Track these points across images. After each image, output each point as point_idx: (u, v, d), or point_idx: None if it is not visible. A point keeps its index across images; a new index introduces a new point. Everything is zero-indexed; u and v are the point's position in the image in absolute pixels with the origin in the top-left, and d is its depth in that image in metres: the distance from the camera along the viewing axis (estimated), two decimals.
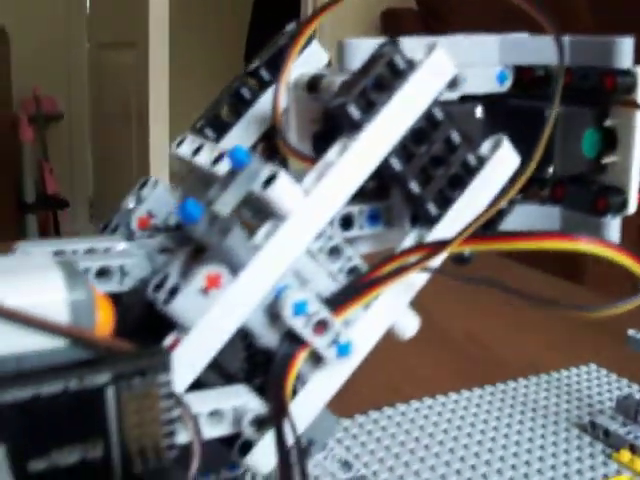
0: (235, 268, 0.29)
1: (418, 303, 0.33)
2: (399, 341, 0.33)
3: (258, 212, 0.31)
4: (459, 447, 0.52)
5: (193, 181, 0.39)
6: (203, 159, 0.35)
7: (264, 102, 0.40)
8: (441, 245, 0.31)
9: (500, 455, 0.51)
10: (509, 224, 0.36)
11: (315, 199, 0.30)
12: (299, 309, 0.29)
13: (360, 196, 0.33)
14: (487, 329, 0.77)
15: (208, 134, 0.39)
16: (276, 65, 0.37)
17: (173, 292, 0.29)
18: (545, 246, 0.29)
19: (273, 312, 0.30)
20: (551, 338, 0.75)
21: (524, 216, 0.39)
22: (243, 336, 0.31)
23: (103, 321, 0.25)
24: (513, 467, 0.50)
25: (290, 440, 0.28)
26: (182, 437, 0.26)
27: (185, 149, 0.38)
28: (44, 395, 0.23)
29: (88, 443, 0.24)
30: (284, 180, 0.29)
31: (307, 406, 0.31)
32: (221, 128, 0.39)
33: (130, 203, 0.38)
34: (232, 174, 0.30)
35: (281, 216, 0.30)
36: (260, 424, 0.29)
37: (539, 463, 0.50)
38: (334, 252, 0.32)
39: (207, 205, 0.29)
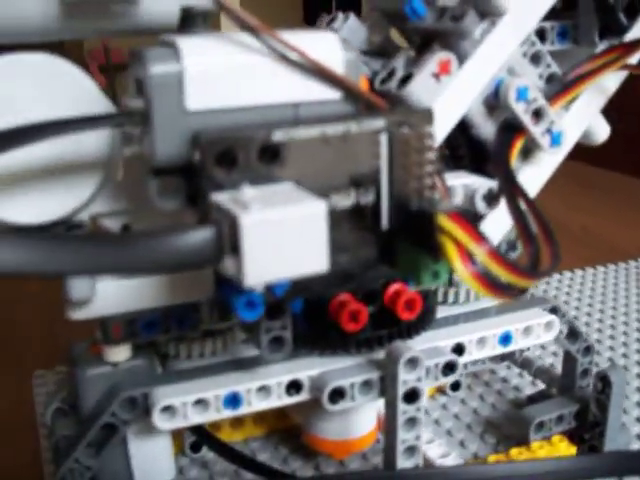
0: (461, 58, 0.30)
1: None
2: None
3: (478, 10, 0.32)
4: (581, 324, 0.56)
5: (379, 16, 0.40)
6: None
7: None
8: (636, 44, 0.32)
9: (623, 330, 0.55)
10: None
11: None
12: (521, 94, 0.31)
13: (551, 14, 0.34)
14: (600, 221, 0.79)
15: None
16: None
17: (404, 80, 0.30)
18: None
19: (491, 104, 0.32)
20: None
21: None
22: (462, 129, 0.32)
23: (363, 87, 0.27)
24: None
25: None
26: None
27: None
28: (330, 134, 0.24)
29: (361, 188, 0.25)
30: None
31: None
32: None
33: None
34: None
35: (499, 11, 0.31)
36: (491, 198, 0.30)
37: None
38: (535, 58, 0.33)
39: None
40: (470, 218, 0.24)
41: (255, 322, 0.30)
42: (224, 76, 0.24)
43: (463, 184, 0.31)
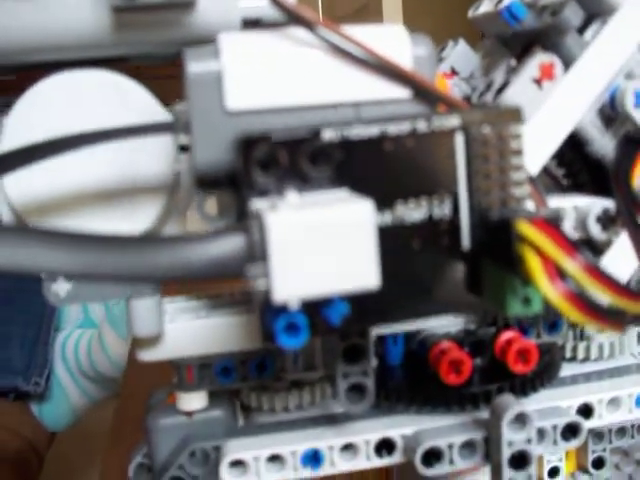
0: (568, 62, 0.26)
1: None
2: None
3: (587, 11, 0.28)
4: None
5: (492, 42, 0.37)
6: None
7: None
8: None
9: None
10: None
11: None
12: None
13: None
14: None
15: None
16: None
17: (501, 90, 0.26)
18: None
19: (608, 115, 0.27)
20: None
21: None
22: (573, 145, 0.28)
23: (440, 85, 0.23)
24: None
25: None
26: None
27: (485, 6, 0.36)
28: (392, 134, 0.21)
29: (436, 197, 0.22)
30: None
31: None
32: None
33: None
34: None
35: (610, 8, 0.27)
36: (606, 221, 0.25)
37: None
38: None
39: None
40: (561, 226, 0.19)
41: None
42: (270, 73, 0.22)
43: (574, 206, 0.26)
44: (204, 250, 0.19)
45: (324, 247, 0.18)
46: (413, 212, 0.22)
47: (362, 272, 0.19)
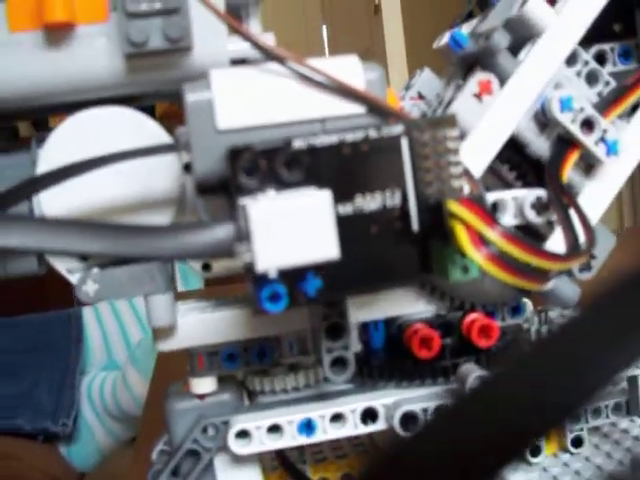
0: (503, 79, 0.32)
1: None
2: None
3: (516, 35, 0.33)
4: None
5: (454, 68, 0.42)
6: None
7: None
8: None
9: None
10: None
11: (567, 14, 0.32)
12: (565, 104, 0.31)
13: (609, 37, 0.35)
14: None
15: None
16: None
17: (448, 104, 0.32)
18: None
19: (541, 120, 0.32)
20: None
21: None
22: (513, 146, 0.33)
23: (391, 103, 0.29)
24: None
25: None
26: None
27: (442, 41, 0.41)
28: (349, 141, 0.26)
29: (388, 190, 0.27)
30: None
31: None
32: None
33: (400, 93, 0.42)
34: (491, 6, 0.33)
35: (538, 32, 0.32)
36: (540, 207, 0.30)
37: None
38: (591, 77, 0.34)
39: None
40: (483, 203, 0.25)
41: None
42: (251, 98, 0.27)
43: (513, 197, 0.31)
44: (203, 235, 0.25)
45: (294, 228, 0.24)
46: (370, 203, 0.27)
47: (325, 246, 0.24)
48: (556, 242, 0.32)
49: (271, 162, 0.26)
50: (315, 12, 3.35)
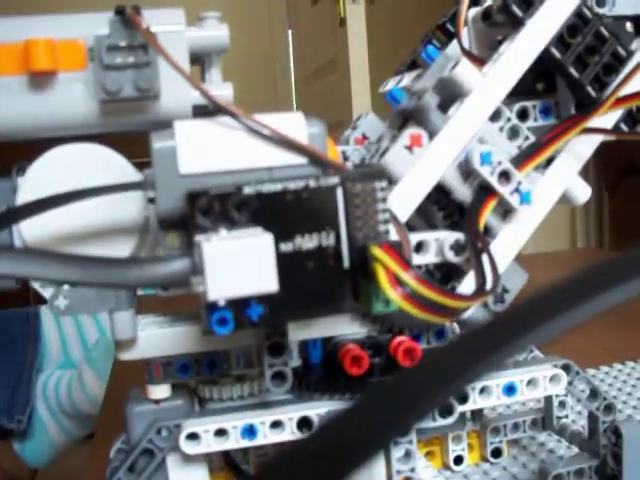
0: (432, 133, 0.36)
1: None
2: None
3: (446, 96, 0.38)
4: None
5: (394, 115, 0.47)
6: (404, 82, 0.44)
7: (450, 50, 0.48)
8: (594, 109, 0.37)
9: None
10: None
11: (492, 77, 0.37)
12: (485, 158, 0.36)
13: (532, 94, 0.40)
14: None
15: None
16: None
17: (383, 153, 0.37)
18: None
19: (465, 170, 0.37)
20: None
21: None
22: (440, 191, 0.38)
23: (332, 155, 0.33)
24: None
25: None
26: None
27: (389, 85, 0.46)
28: (291, 189, 0.31)
29: (324, 232, 0.31)
30: (466, 63, 0.37)
31: (499, 256, 0.37)
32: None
33: (346, 132, 0.47)
34: (426, 68, 0.38)
35: (466, 92, 0.37)
36: (458, 248, 0.35)
37: None
38: (513, 132, 0.39)
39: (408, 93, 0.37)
40: (399, 249, 0.29)
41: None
42: (209, 148, 0.31)
43: (435, 238, 0.36)
44: (164, 267, 0.29)
45: (241, 264, 0.28)
46: (308, 242, 0.31)
47: (266, 280, 0.28)
48: (470, 281, 0.37)
49: (224, 205, 0.30)
50: (281, 15, 3.39)
